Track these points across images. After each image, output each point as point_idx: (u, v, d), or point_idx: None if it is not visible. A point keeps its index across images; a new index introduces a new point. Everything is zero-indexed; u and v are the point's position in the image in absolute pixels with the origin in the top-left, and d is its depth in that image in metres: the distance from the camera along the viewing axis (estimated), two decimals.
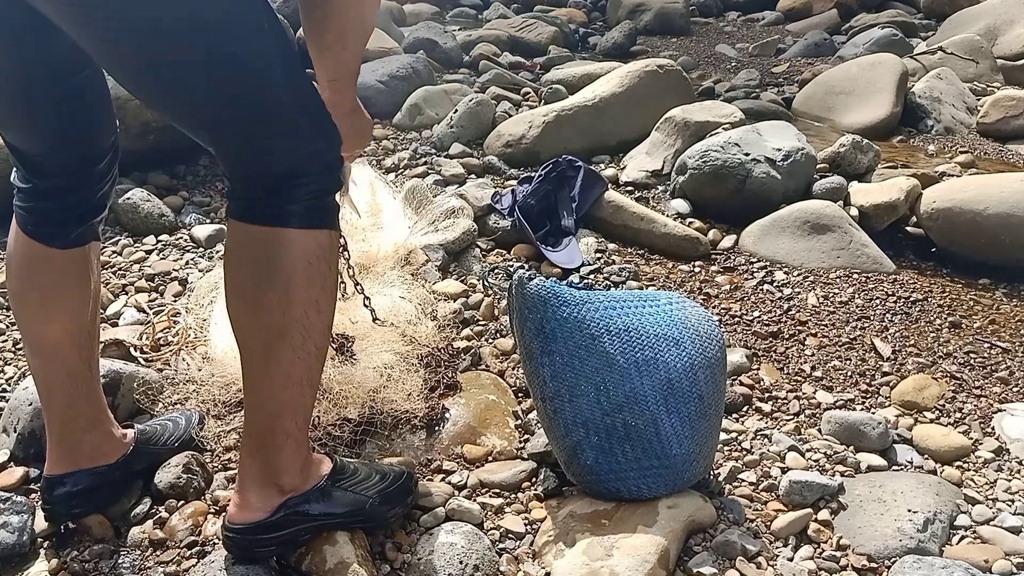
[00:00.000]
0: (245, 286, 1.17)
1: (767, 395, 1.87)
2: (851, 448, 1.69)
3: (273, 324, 1.16)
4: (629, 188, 2.92)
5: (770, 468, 1.62)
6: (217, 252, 2.41)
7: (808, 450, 1.68)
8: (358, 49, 1.29)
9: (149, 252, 2.41)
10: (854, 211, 2.62)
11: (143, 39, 1.00)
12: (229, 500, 1.41)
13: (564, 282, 1.47)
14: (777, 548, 1.44)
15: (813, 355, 2.03)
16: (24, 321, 1.34)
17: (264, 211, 1.13)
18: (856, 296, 2.29)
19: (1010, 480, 1.63)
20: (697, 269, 2.44)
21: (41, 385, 1.36)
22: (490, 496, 1.52)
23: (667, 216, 2.66)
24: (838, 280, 2.37)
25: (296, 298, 1.15)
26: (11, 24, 1.11)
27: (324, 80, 1.32)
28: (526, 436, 1.67)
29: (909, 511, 1.47)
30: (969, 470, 1.66)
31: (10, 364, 1.88)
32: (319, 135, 1.16)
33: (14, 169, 1.28)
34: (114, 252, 2.39)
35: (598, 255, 2.45)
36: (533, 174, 2.68)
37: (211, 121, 1.11)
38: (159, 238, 2.50)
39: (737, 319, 2.18)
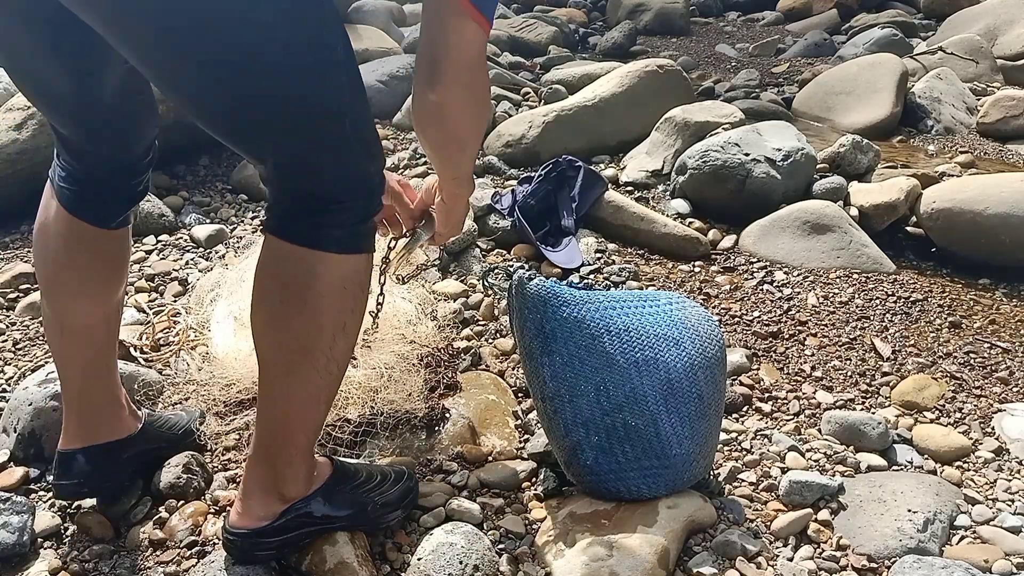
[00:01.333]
0: (273, 304, 1.16)
1: (767, 395, 1.87)
2: (851, 448, 1.69)
3: (298, 346, 1.15)
4: (629, 188, 2.92)
5: (770, 468, 1.62)
6: (217, 252, 2.41)
7: (808, 450, 1.68)
8: (477, 146, 1.31)
9: (149, 252, 2.41)
10: (854, 211, 2.62)
11: (231, 60, 1.00)
12: (229, 500, 1.42)
13: (564, 282, 1.47)
14: (777, 548, 1.44)
15: (813, 355, 2.03)
16: (57, 301, 1.34)
17: (304, 231, 1.11)
18: (856, 296, 2.29)
19: (1010, 480, 1.63)
20: (697, 269, 2.44)
21: (65, 362, 1.37)
22: (490, 496, 1.52)
23: (667, 216, 2.66)
24: (838, 280, 2.37)
25: (325, 322, 1.14)
26: (65, 25, 1.08)
27: (446, 179, 1.35)
28: (526, 436, 1.67)
29: (909, 511, 1.47)
30: (969, 470, 1.66)
31: (10, 364, 1.88)
32: (371, 160, 1.15)
33: (56, 153, 1.28)
34: None
35: (598, 255, 2.45)
36: (533, 174, 2.68)
37: (274, 136, 1.09)
38: (159, 238, 2.49)
39: (737, 319, 2.18)
